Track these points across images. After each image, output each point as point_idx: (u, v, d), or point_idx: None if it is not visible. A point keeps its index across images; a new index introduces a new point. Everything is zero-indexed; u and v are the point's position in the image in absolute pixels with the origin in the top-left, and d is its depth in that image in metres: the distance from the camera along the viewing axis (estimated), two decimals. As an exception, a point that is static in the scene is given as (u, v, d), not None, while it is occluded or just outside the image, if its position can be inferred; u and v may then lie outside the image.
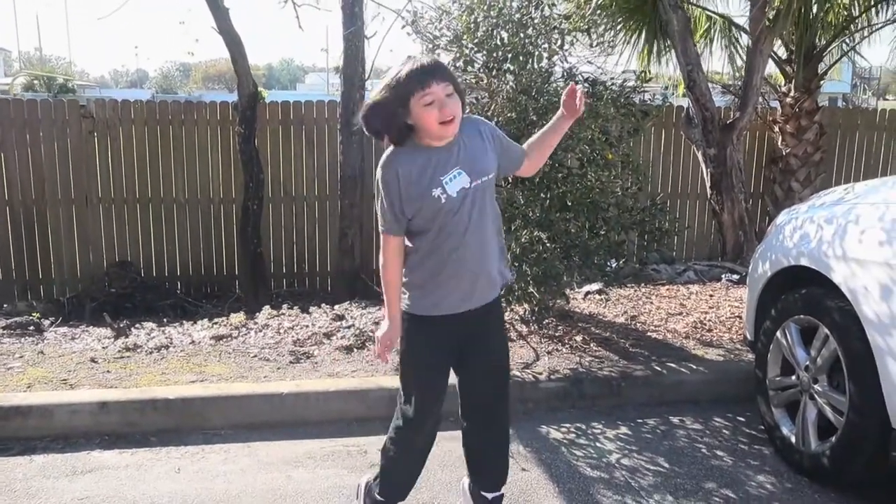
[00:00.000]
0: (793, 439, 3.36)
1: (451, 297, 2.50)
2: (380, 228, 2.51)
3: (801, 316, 3.37)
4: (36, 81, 34.02)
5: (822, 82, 7.69)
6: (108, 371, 4.13)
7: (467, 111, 2.67)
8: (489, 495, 2.74)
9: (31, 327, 5.18)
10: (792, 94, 7.48)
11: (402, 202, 2.41)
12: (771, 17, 6.76)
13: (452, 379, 2.66)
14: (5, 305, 6.70)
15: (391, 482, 2.74)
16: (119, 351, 4.48)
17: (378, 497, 2.77)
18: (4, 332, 4.98)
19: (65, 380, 3.99)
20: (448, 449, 3.23)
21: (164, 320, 5.71)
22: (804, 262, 3.36)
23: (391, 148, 2.45)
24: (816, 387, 3.23)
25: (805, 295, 3.36)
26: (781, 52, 7.59)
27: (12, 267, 6.97)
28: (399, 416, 2.64)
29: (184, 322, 5.40)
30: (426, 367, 2.58)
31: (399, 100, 2.32)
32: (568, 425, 3.82)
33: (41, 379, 4.00)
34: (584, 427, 3.81)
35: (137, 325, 5.24)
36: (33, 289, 7.05)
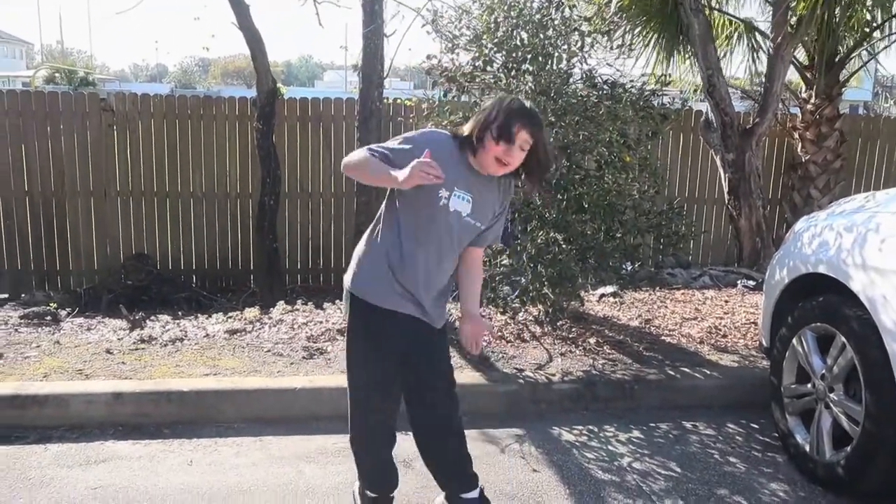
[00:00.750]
0: (807, 448, 3.34)
1: (394, 293, 2.52)
2: (373, 148, 2.49)
3: (818, 324, 3.34)
4: (57, 74, 34.35)
5: (843, 89, 7.62)
6: (123, 362, 4.16)
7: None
8: (467, 496, 2.71)
9: (49, 317, 5.22)
10: (813, 100, 7.42)
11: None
12: (793, 23, 6.71)
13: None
14: (23, 295, 6.76)
15: (366, 472, 2.77)
16: (134, 343, 4.51)
17: (369, 494, 2.80)
18: (22, 321, 5.02)
19: (80, 370, 4.02)
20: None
21: (179, 313, 5.74)
22: (822, 269, 3.33)
23: (445, 133, 2.59)
24: (832, 395, 3.21)
25: (822, 303, 3.33)
26: (803, 58, 7.53)
27: (31, 257, 7.04)
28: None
29: (198, 315, 5.42)
30: (363, 350, 2.61)
31: (504, 116, 2.42)
32: (580, 427, 3.81)
33: (57, 369, 4.03)
34: (596, 429, 3.80)
35: (153, 318, 5.27)
36: (51, 279, 7.11)
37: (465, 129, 2.53)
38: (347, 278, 2.64)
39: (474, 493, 2.72)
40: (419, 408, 2.65)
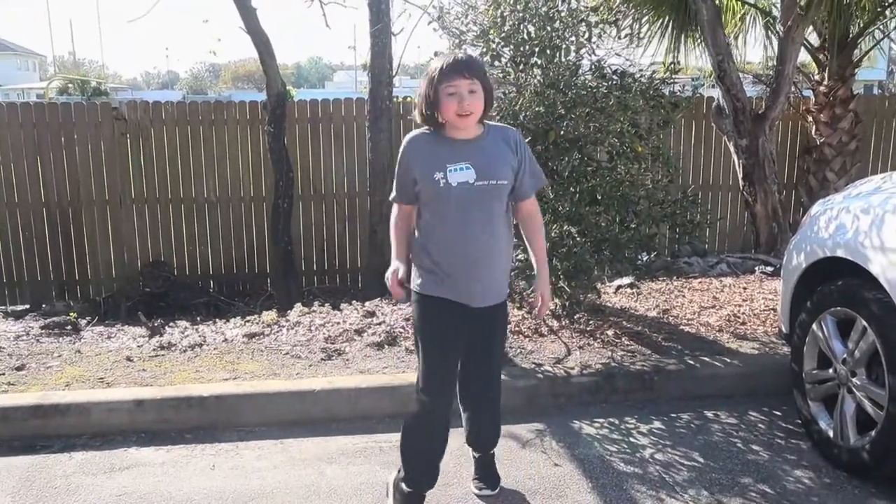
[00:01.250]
0: (831, 433, 3.31)
1: (452, 282, 2.68)
2: (393, 199, 2.77)
3: (838, 308, 3.31)
4: (70, 85, 34.68)
5: (856, 70, 7.53)
6: (143, 369, 4.19)
7: (495, 106, 2.85)
8: (476, 455, 3.06)
9: (69, 327, 5.27)
10: (825, 82, 7.33)
11: (412, 174, 2.68)
12: (803, 5, 6.64)
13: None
14: (44, 305, 6.84)
15: (412, 468, 2.85)
16: (154, 349, 4.54)
17: (405, 489, 2.86)
18: (43, 331, 5.08)
19: (101, 378, 4.06)
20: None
21: (198, 319, 5.77)
22: (840, 253, 3.30)
23: (417, 130, 2.76)
24: (854, 380, 3.18)
25: (841, 286, 3.30)
26: (814, 40, 7.45)
27: (50, 268, 7.11)
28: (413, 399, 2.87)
29: (216, 320, 5.45)
30: (431, 345, 2.75)
31: (431, 86, 2.61)
32: (601, 420, 3.80)
33: (79, 377, 4.07)
34: (616, 422, 3.78)
35: (171, 324, 5.31)
36: (70, 289, 7.18)
37: (417, 113, 2.72)
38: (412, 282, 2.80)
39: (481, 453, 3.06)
40: (469, 378, 2.88)
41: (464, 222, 2.64)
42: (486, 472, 3.09)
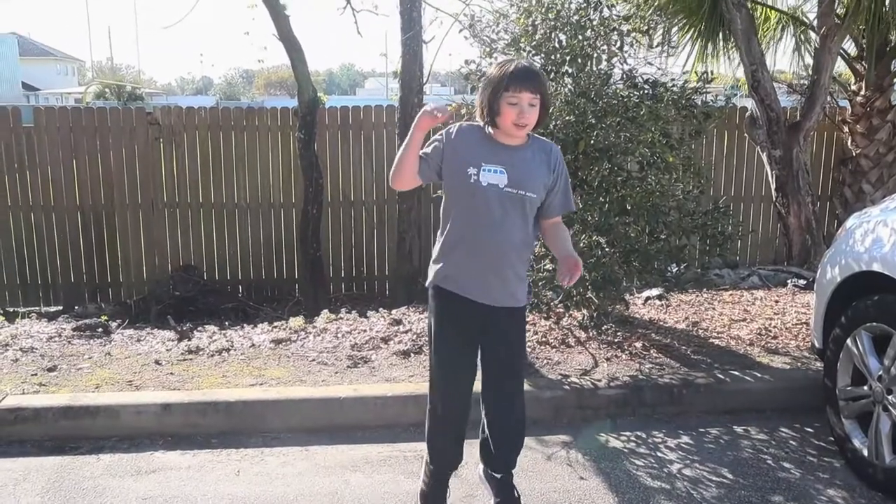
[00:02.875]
0: (865, 452, 3.23)
1: (463, 277, 2.73)
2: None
3: (874, 323, 3.24)
4: (107, 90, 35.26)
5: (895, 80, 7.39)
6: (171, 373, 4.23)
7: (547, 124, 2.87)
8: (497, 475, 2.91)
9: (100, 329, 5.33)
10: (863, 92, 7.20)
11: (446, 155, 2.72)
12: (840, 13, 6.53)
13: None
14: (76, 307, 6.94)
15: (431, 447, 2.94)
16: (182, 353, 4.58)
17: (430, 465, 2.97)
18: (75, 333, 5.14)
19: (130, 381, 4.10)
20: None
21: (226, 323, 5.82)
22: (877, 267, 3.23)
23: (469, 122, 2.81)
24: (890, 398, 3.10)
25: (878, 301, 3.23)
26: (851, 49, 7.33)
27: (83, 270, 7.22)
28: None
29: (244, 325, 5.48)
30: (443, 338, 2.81)
31: (494, 89, 2.65)
32: (628, 433, 3.75)
33: (108, 380, 4.11)
34: (644, 436, 3.73)
35: (200, 328, 5.35)
36: (102, 291, 7.28)
37: (479, 109, 2.75)
38: (429, 275, 2.86)
39: (503, 475, 2.92)
40: (490, 388, 2.86)
41: (486, 223, 2.69)
42: (507, 497, 2.93)
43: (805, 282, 6.23)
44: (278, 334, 4.93)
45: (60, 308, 7.00)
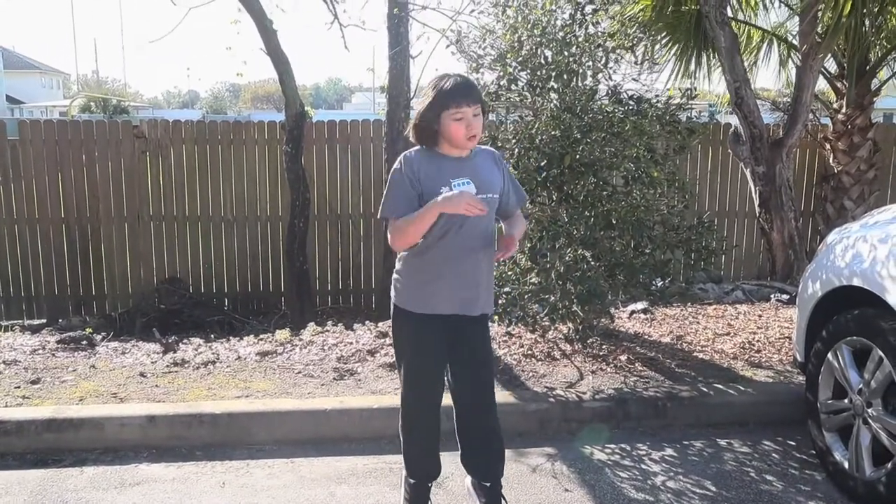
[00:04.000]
0: (846, 465, 3.27)
1: (436, 295, 2.76)
2: (385, 215, 2.75)
3: (854, 337, 3.28)
4: (93, 103, 35.12)
5: (875, 98, 7.51)
6: (156, 385, 4.21)
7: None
8: (486, 484, 2.93)
9: (84, 342, 5.30)
10: (844, 110, 7.32)
11: (418, 188, 2.69)
12: (821, 32, 6.64)
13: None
14: (60, 320, 6.90)
15: (408, 460, 2.97)
16: (167, 366, 4.56)
17: (410, 480, 2.99)
18: (59, 346, 5.11)
19: (115, 393, 4.08)
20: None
21: (212, 336, 5.80)
22: (857, 282, 3.28)
23: (412, 150, 2.79)
24: (870, 411, 3.14)
25: (858, 316, 3.27)
26: (833, 68, 7.44)
27: (67, 282, 7.18)
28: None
29: (230, 338, 5.48)
30: (417, 355, 2.84)
31: (434, 110, 2.66)
32: (612, 446, 3.77)
33: (93, 392, 4.09)
34: (628, 448, 3.75)
35: (185, 341, 5.33)
36: (87, 304, 7.24)
37: (414, 130, 2.74)
38: (393, 295, 2.89)
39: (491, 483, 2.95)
40: (462, 391, 2.89)
41: (465, 235, 2.74)
42: (495, 501, 2.98)
43: (788, 296, 6.29)
44: (264, 347, 4.92)
45: (44, 321, 6.97)
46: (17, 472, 3.48)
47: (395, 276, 2.90)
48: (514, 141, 4.53)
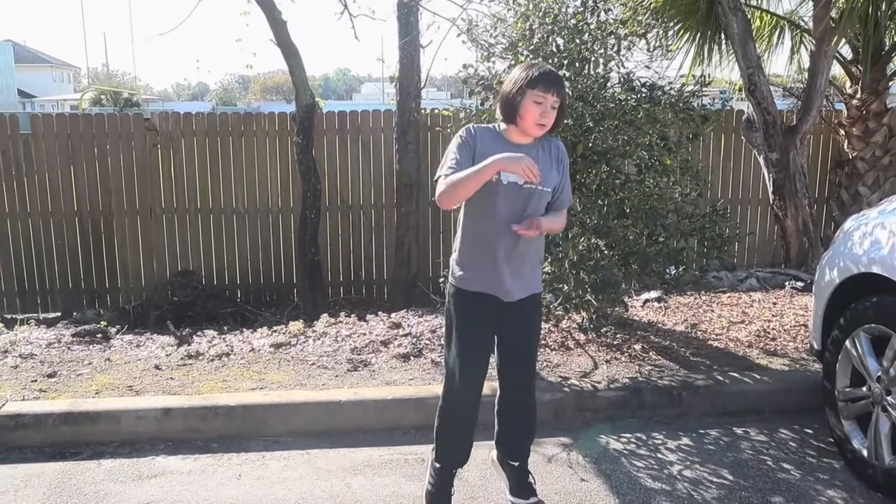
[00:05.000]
0: (865, 453, 3.24)
1: (484, 276, 2.79)
2: (441, 173, 2.73)
3: (872, 325, 3.25)
4: (103, 96, 35.25)
5: (890, 83, 7.42)
6: (171, 378, 4.23)
7: (560, 129, 3.01)
8: (514, 463, 3.03)
9: (99, 335, 5.33)
10: (859, 95, 7.24)
11: (476, 157, 2.71)
12: (835, 17, 6.57)
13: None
14: (75, 313, 6.93)
15: (439, 443, 3.00)
16: (182, 358, 4.58)
17: (436, 464, 3.01)
18: (74, 339, 5.13)
19: (131, 386, 4.10)
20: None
21: (225, 328, 5.81)
22: (876, 269, 3.24)
23: (476, 125, 2.85)
24: (889, 398, 3.11)
25: (876, 303, 3.24)
26: (847, 53, 7.36)
27: (81, 276, 7.21)
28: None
29: (244, 330, 5.49)
30: (463, 335, 2.86)
31: (520, 86, 2.71)
32: (628, 435, 3.76)
33: (109, 385, 4.11)
34: (644, 437, 3.74)
35: (199, 333, 5.35)
36: (101, 297, 7.28)
37: (501, 100, 2.79)
38: (450, 275, 2.93)
39: (519, 462, 3.04)
40: (508, 367, 2.95)
41: (507, 220, 2.75)
42: (523, 483, 3.05)
43: (802, 284, 6.25)
44: (278, 338, 4.93)
45: (59, 314, 7.01)
46: (35, 464, 3.51)
47: (452, 257, 2.93)
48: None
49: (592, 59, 4.55)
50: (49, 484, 3.33)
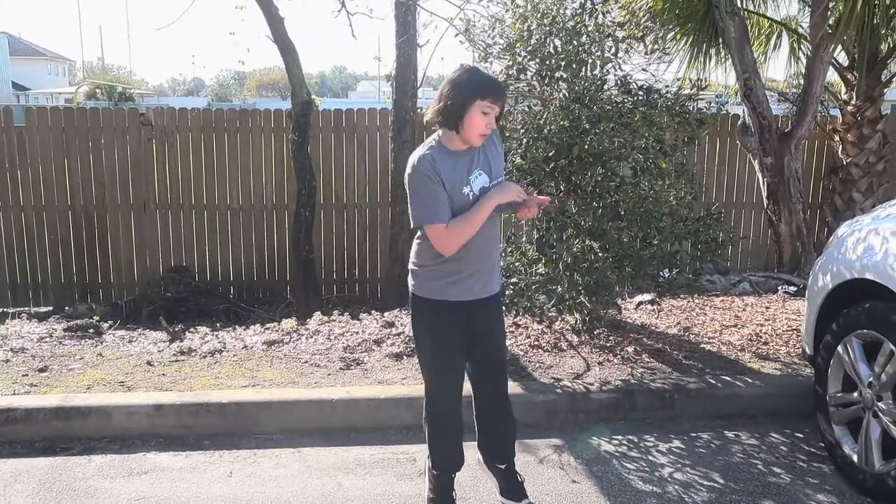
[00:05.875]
0: (855, 458, 3.26)
1: (454, 283, 2.78)
2: (431, 221, 2.68)
3: (865, 330, 3.26)
4: (98, 90, 35.13)
5: (885, 90, 7.45)
6: (163, 374, 4.22)
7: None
8: (501, 466, 3.02)
9: (91, 330, 5.31)
10: (854, 101, 7.27)
11: (445, 190, 2.68)
12: (832, 24, 6.59)
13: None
14: (67, 308, 6.90)
15: (433, 451, 3.00)
16: (174, 354, 4.56)
17: (434, 472, 3.00)
18: (66, 334, 5.12)
19: (122, 382, 4.09)
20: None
21: (218, 325, 5.80)
22: (868, 275, 3.25)
23: (423, 149, 2.74)
24: (880, 404, 3.12)
25: (869, 309, 3.25)
26: (843, 59, 7.39)
27: (74, 271, 7.18)
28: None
29: (236, 327, 5.47)
30: (440, 343, 2.86)
31: (469, 96, 2.63)
32: (619, 437, 3.77)
33: (100, 381, 4.10)
34: (636, 440, 3.75)
35: (192, 330, 5.33)
36: (93, 292, 7.25)
37: (442, 111, 2.68)
38: (410, 283, 2.89)
39: (506, 464, 3.04)
40: (479, 371, 2.95)
41: (486, 222, 2.76)
42: (513, 485, 3.04)
43: (795, 288, 6.27)
44: (270, 336, 4.92)
45: (51, 308, 6.97)
46: (25, 459, 3.49)
47: (412, 265, 2.89)
48: (522, 131, 4.50)
49: (590, 61, 4.55)
50: (39, 479, 3.32)
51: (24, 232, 7.07)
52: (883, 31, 6.86)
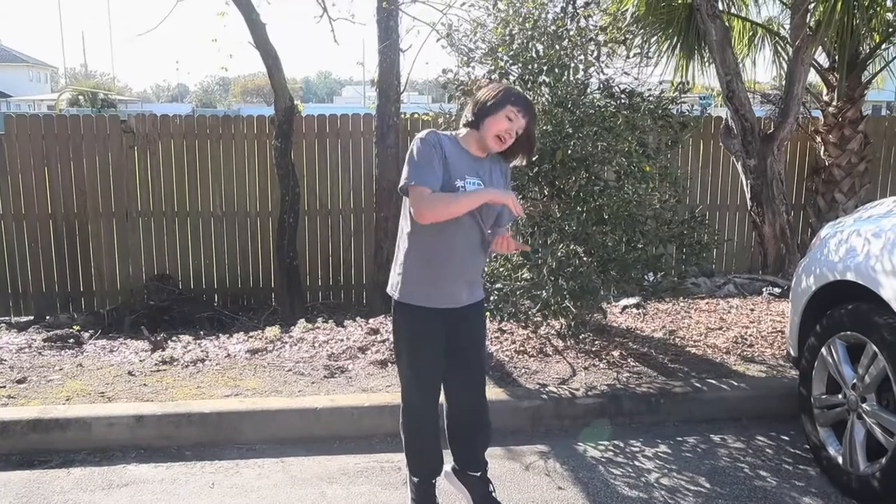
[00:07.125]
0: (840, 460, 3.25)
1: (435, 289, 2.79)
2: (409, 183, 2.66)
3: (848, 332, 3.26)
4: (81, 97, 34.88)
5: (865, 91, 7.50)
6: (144, 384, 4.16)
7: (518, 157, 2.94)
8: (476, 473, 2.99)
9: (72, 339, 5.25)
10: (835, 103, 7.31)
11: (443, 166, 2.69)
12: (812, 25, 6.63)
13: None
14: (48, 317, 6.82)
15: (412, 458, 2.99)
16: (156, 364, 4.51)
17: (414, 479, 3.00)
18: (45, 344, 5.05)
19: (103, 393, 4.03)
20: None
21: (201, 333, 5.75)
22: (851, 276, 3.26)
23: (437, 130, 2.81)
24: (864, 406, 3.12)
25: (852, 311, 3.25)
26: (823, 61, 7.44)
27: (55, 279, 7.10)
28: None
29: (220, 335, 5.43)
30: (419, 349, 2.86)
31: (499, 97, 2.74)
32: (605, 443, 3.75)
33: (80, 391, 4.04)
34: (621, 445, 3.73)
35: (174, 338, 5.28)
36: (74, 301, 7.16)
37: (474, 107, 2.79)
38: (392, 289, 2.88)
39: (480, 472, 3.01)
40: (456, 376, 2.92)
41: (466, 232, 2.78)
42: (487, 497, 2.98)
43: (780, 290, 6.28)
44: (254, 344, 4.88)
45: (31, 318, 6.89)
46: (2, 473, 3.43)
47: (396, 270, 2.87)
48: (505, 135, 4.48)
49: (572, 65, 4.54)
50: (15, 493, 3.26)
51: (4, 240, 6.98)
52: (862, 33, 6.91)
